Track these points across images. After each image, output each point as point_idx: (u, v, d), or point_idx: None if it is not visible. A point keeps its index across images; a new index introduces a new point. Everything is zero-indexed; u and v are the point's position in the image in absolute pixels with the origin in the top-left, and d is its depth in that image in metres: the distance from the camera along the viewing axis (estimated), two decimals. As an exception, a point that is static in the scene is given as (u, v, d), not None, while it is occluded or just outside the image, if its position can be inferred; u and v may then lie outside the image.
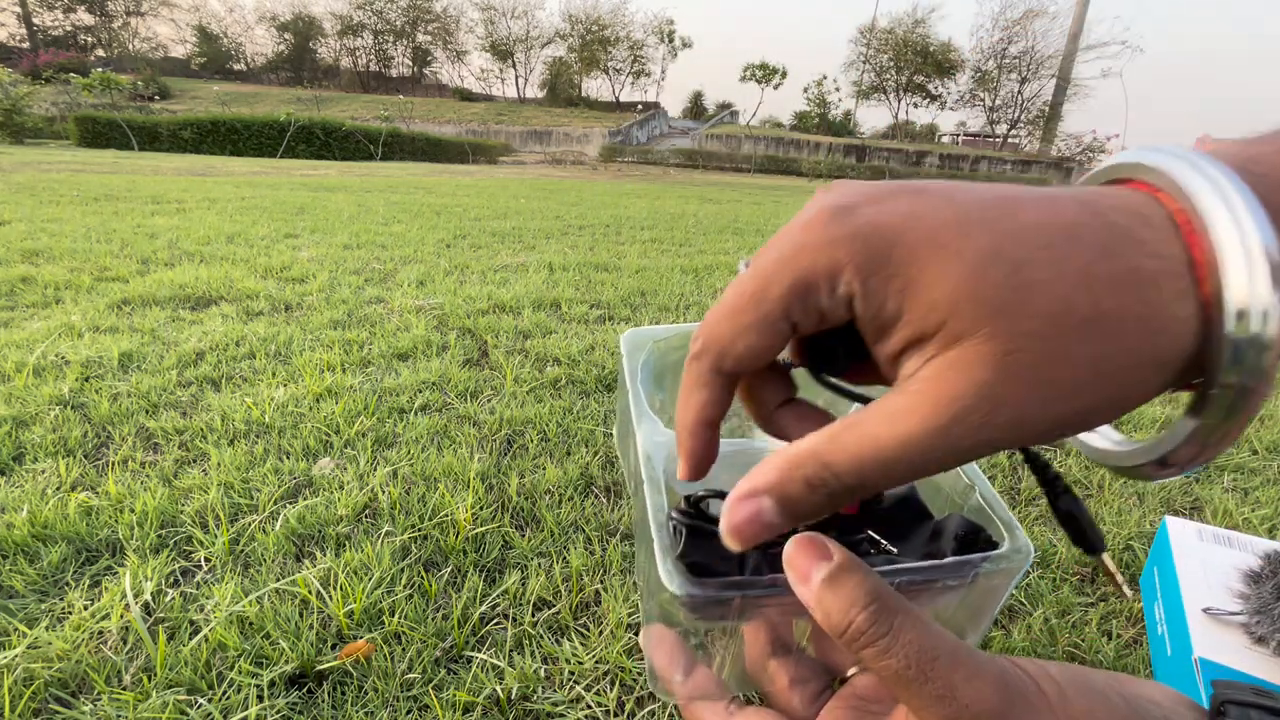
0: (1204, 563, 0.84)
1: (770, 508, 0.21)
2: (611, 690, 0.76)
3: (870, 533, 0.31)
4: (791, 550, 0.24)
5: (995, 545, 0.29)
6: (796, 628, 0.32)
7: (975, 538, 0.29)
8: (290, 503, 1.07)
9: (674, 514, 0.31)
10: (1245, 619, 0.72)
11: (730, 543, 0.22)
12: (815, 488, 0.21)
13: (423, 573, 0.92)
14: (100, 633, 0.79)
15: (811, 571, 0.23)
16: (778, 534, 0.22)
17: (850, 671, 0.30)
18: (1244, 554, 0.85)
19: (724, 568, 0.28)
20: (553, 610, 0.88)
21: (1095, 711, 0.20)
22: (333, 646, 0.79)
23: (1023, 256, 0.18)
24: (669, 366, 0.44)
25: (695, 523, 0.29)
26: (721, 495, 0.32)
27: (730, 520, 0.22)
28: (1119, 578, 0.26)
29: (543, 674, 0.78)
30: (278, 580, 0.88)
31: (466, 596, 0.88)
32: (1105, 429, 0.24)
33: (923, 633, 0.21)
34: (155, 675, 0.73)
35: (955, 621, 0.32)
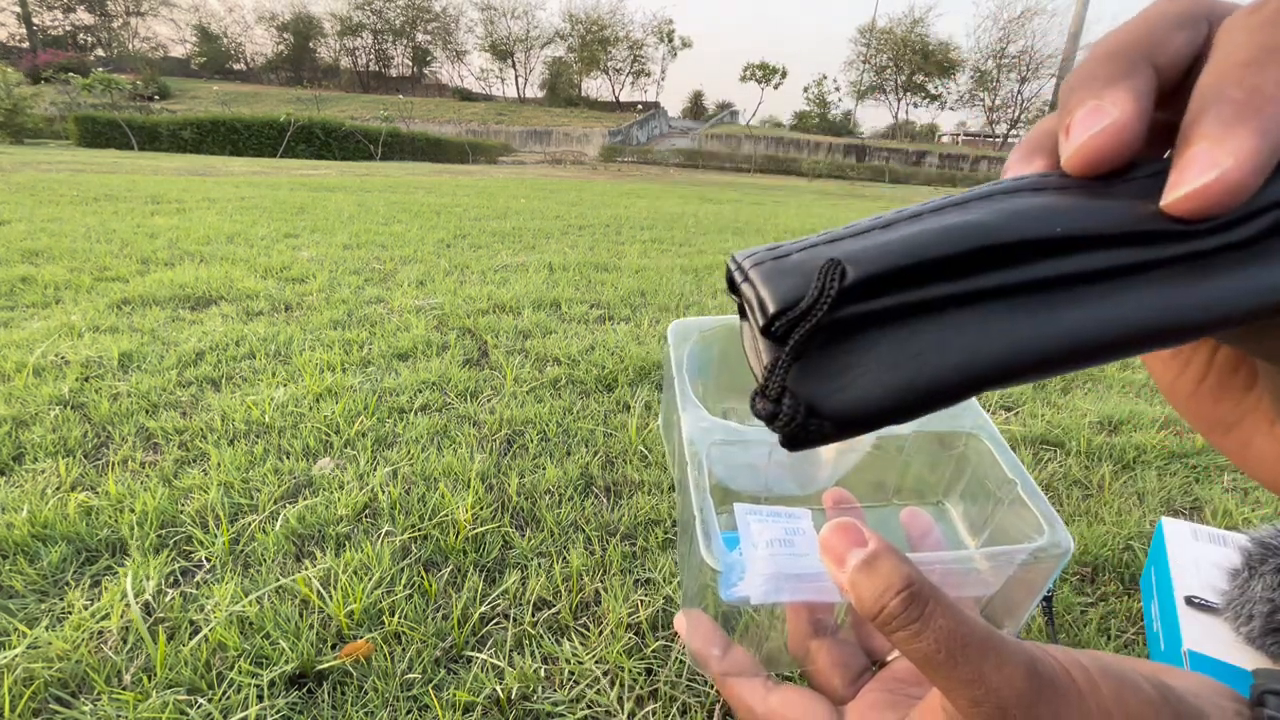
0: (1196, 561, 0.87)
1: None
2: (612, 690, 0.76)
3: None
4: (828, 534, 0.24)
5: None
6: (836, 611, 0.32)
7: None
8: (290, 502, 1.07)
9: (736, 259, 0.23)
10: (1223, 612, 0.75)
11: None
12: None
13: (423, 572, 0.92)
14: (100, 633, 0.79)
15: (847, 556, 0.23)
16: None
17: (890, 656, 0.31)
18: (1233, 551, 0.87)
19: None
20: (553, 610, 0.88)
21: (1125, 698, 0.21)
22: (333, 646, 0.79)
23: None
24: (713, 357, 0.44)
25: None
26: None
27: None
28: None
29: (543, 674, 0.78)
30: (278, 580, 0.88)
31: (466, 596, 0.88)
32: None
33: (954, 619, 0.21)
34: (155, 675, 0.73)
35: (993, 614, 0.32)
